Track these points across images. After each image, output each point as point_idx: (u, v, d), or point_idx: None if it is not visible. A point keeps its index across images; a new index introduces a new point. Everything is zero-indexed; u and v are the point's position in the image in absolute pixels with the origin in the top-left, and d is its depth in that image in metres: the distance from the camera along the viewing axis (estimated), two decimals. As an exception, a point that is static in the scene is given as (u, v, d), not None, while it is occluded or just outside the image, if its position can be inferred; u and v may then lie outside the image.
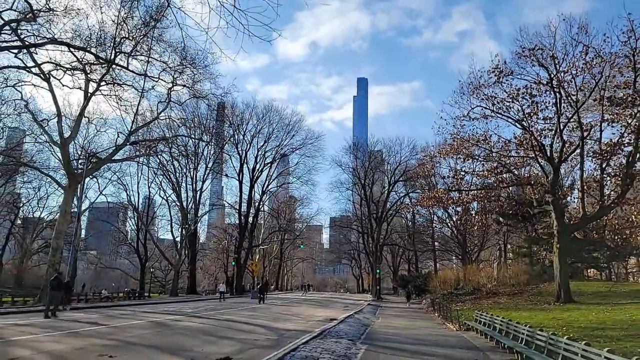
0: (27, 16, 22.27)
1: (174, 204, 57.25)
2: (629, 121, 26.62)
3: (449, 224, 60.45)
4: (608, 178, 26.97)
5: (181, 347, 12.21)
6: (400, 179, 63.01)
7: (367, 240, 68.13)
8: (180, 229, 56.55)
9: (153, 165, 52.80)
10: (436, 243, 69.70)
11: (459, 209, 35.72)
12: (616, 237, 28.78)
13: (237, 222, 66.79)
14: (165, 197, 57.94)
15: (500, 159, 30.91)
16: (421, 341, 16.13)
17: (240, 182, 62.42)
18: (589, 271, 50.72)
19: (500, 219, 43.12)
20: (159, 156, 49.74)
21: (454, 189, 32.95)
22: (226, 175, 66.11)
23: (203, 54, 36.37)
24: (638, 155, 26.14)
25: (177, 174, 54.94)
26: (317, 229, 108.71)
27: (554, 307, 25.63)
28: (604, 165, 27.37)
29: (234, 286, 58.46)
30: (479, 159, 32.40)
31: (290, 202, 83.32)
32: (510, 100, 28.20)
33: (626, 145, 26.69)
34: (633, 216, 26.86)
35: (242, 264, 61.66)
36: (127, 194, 55.08)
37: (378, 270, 61.98)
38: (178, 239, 58.06)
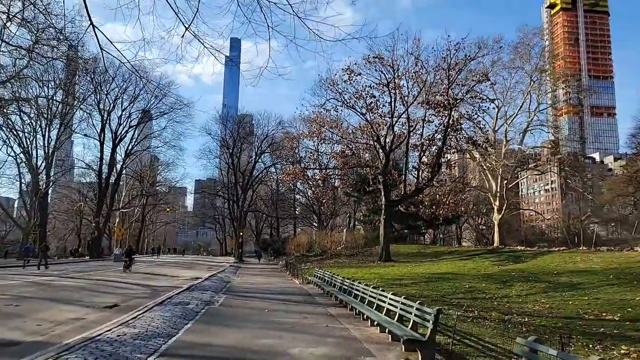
0: None
1: (22, 163, 53.24)
2: (441, 121, 34.50)
3: (307, 195, 67.26)
4: (423, 166, 34.67)
5: (72, 299, 14.78)
6: (267, 150, 67.60)
7: (232, 206, 71.58)
8: (29, 189, 53.14)
9: (-1, 122, 48.33)
10: (296, 210, 76.54)
11: (313, 183, 41.52)
12: (427, 211, 37.27)
13: (90, 181, 64.15)
14: (13, 155, 53.39)
15: (348, 144, 37.06)
16: (270, 291, 20.84)
17: (102, 143, 60.12)
18: (416, 236, 62.04)
19: (348, 191, 50.56)
20: (8, 113, 45.82)
21: (309, 167, 38.47)
22: (86, 135, 62.60)
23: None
24: (444, 149, 34.26)
25: (27, 131, 51.22)
26: (182, 192, 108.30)
27: (377, 264, 32.73)
28: (421, 155, 35.10)
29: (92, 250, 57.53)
30: (332, 142, 38.30)
31: (155, 164, 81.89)
32: (357, 97, 34.03)
33: (437, 141, 34.63)
34: (437, 196, 35.21)
35: (102, 227, 60.59)
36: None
37: (241, 235, 66.45)
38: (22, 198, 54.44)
